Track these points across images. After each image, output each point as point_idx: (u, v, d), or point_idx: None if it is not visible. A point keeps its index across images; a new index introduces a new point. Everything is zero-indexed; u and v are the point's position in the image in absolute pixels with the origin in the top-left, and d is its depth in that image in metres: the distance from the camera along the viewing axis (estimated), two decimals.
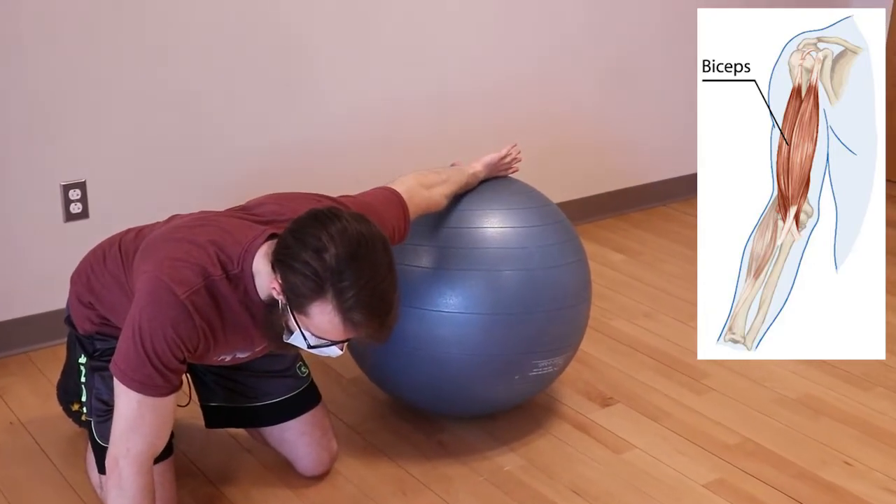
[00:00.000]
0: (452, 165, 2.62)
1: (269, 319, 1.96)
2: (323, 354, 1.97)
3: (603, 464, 2.56)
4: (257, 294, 1.98)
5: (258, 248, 1.97)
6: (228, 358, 2.13)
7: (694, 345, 3.17)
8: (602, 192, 4.18)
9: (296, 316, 1.88)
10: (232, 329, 2.01)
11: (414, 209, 2.30)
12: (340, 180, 3.41)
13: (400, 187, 2.31)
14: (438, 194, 2.40)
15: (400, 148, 3.53)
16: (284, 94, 3.27)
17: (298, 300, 1.86)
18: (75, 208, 2.96)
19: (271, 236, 1.99)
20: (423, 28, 3.51)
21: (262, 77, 3.21)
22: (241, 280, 1.97)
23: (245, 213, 2.11)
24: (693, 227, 4.20)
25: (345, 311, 1.83)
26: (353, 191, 3.16)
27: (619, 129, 4.13)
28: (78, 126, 2.92)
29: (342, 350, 1.94)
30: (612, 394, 2.87)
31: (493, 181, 2.61)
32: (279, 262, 1.88)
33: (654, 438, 2.67)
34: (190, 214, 2.23)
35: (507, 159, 2.64)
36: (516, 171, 2.69)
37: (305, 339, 1.91)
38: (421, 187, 2.36)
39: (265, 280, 1.94)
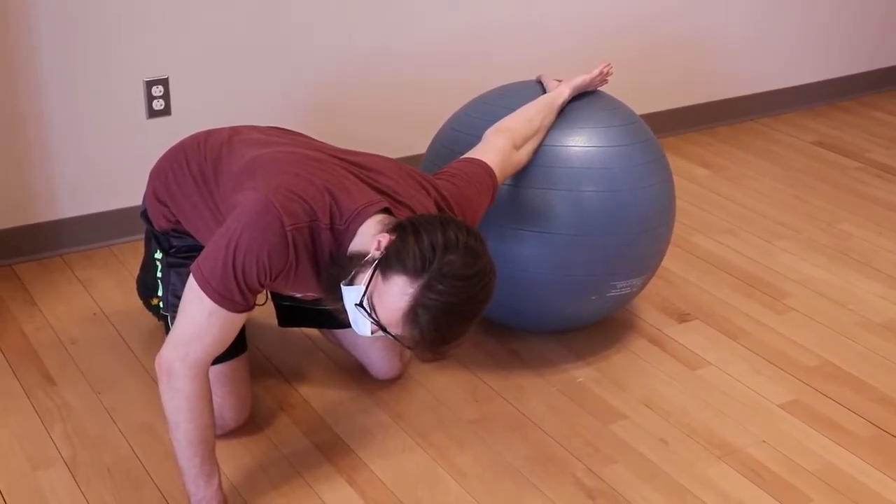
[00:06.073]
0: (538, 80, 2.57)
1: (341, 263, 1.95)
2: (355, 323, 1.95)
3: (677, 379, 2.54)
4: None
5: (370, 214, 1.97)
6: (299, 295, 2.16)
7: (776, 263, 3.12)
8: (689, 104, 4.09)
9: (375, 275, 1.87)
10: (314, 275, 2.01)
11: (501, 180, 2.30)
12: (419, 92, 3.38)
13: (493, 157, 2.27)
14: (526, 153, 2.39)
15: (484, 62, 3.46)
16: (373, 2, 3.23)
17: (393, 263, 1.84)
18: (158, 105, 2.97)
19: (385, 210, 1.99)
20: None
21: None
22: (342, 237, 1.97)
23: (361, 171, 2.09)
24: (780, 143, 4.12)
25: (416, 304, 1.82)
26: (432, 104, 3.12)
27: (708, 40, 4.01)
28: (161, 22, 2.91)
29: (371, 334, 1.92)
30: (689, 310, 2.84)
31: (581, 96, 2.54)
32: (412, 226, 1.88)
33: (730, 356, 2.64)
34: (305, 140, 2.24)
35: (599, 79, 2.57)
36: (606, 83, 2.62)
37: (362, 297, 1.88)
38: (513, 149, 2.33)
39: (366, 238, 1.93)
